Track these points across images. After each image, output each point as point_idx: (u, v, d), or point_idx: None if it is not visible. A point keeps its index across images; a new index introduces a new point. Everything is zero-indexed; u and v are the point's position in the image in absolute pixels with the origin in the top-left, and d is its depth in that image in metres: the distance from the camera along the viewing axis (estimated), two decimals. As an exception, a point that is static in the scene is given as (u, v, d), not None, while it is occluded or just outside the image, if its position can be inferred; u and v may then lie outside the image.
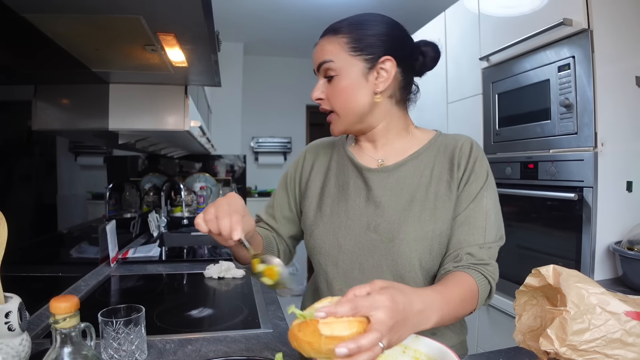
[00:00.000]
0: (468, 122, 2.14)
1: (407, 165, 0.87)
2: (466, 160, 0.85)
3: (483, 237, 0.81)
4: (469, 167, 0.84)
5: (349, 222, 0.86)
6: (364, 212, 0.86)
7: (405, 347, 0.67)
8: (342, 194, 0.89)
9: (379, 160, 0.89)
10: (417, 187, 0.85)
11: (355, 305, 0.53)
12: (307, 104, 4.87)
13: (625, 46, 1.49)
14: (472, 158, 0.85)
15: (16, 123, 1.32)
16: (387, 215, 0.83)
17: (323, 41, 0.85)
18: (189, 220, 2.84)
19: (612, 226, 1.47)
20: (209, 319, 1.17)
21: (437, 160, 0.87)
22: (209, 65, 1.19)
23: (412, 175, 0.86)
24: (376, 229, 0.84)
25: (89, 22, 0.88)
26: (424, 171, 0.86)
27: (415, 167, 0.86)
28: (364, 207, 0.86)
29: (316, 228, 0.89)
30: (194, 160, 4.28)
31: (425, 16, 2.81)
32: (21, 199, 1.30)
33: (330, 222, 0.87)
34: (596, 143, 1.45)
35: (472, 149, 0.86)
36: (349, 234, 0.85)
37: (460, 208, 0.83)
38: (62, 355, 0.56)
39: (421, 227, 0.81)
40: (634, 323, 0.62)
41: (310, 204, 0.92)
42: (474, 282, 0.76)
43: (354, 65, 0.82)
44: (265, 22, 3.71)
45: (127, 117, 1.50)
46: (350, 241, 0.85)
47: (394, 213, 0.83)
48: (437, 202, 0.83)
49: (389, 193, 0.85)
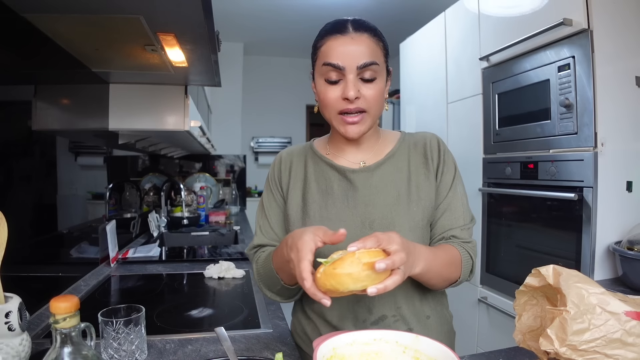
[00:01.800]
0: (468, 122, 2.14)
1: (386, 164, 0.92)
2: (437, 153, 0.92)
3: (462, 220, 0.91)
4: (441, 159, 0.92)
5: (342, 224, 0.86)
6: (355, 211, 0.89)
7: (405, 347, 0.67)
8: (327, 197, 0.91)
9: (361, 162, 0.93)
10: (399, 183, 0.90)
11: (378, 239, 0.66)
12: (307, 103, 4.87)
13: (625, 46, 1.49)
14: (441, 151, 0.92)
15: (16, 123, 1.32)
16: (379, 211, 0.88)
17: (365, 39, 0.82)
18: (189, 220, 2.84)
19: (612, 226, 1.47)
20: (209, 319, 1.17)
21: (411, 157, 0.93)
22: (209, 65, 1.19)
23: (392, 173, 0.91)
24: (371, 225, 0.87)
25: (89, 22, 0.88)
26: (402, 168, 0.91)
27: (394, 165, 0.92)
28: (354, 206, 0.89)
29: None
30: (194, 160, 4.28)
31: (425, 16, 2.82)
32: (21, 199, 1.30)
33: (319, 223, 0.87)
34: (596, 143, 1.45)
35: (440, 144, 0.94)
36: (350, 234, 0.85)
37: (441, 197, 0.91)
38: (62, 355, 0.56)
39: (412, 217, 0.88)
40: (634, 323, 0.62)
41: (295, 211, 0.93)
42: (458, 253, 0.86)
43: (384, 71, 0.86)
44: (265, 22, 3.71)
45: (127, 117, 1.50)
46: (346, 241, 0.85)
47: (385, 208, 0.88)
48: (420, 193, 0.89)
49: (376, 191, 0.89)
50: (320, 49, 0.84)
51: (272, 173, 0.99)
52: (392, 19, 3.52)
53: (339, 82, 0.82)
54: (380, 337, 0.68)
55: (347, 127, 0.84)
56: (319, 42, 0.86)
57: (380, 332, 0.68)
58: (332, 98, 0.83)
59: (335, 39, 0.82)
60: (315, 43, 0.87)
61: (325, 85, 0.83)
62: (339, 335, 0.66)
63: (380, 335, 0.68)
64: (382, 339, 0.68)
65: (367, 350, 0.67)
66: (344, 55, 0.81)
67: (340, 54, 0.81)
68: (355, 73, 0.81)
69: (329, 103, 0.84)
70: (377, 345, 0.67)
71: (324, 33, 0.85)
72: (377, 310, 0.87)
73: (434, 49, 2.47)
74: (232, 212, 3.71)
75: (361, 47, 0.81)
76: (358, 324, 0.88)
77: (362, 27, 0.83)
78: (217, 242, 2.62)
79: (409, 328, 0.88)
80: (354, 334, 0.67)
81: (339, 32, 0.82)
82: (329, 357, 0.63)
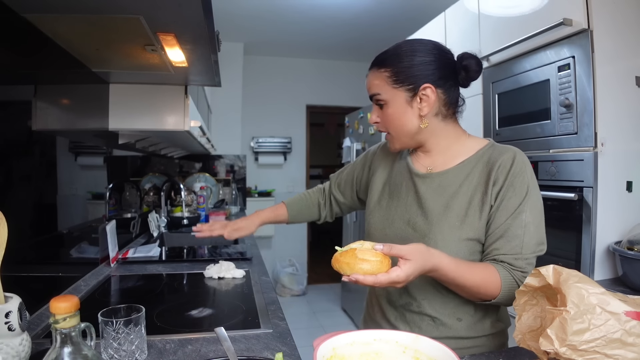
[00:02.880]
0: (468, 122, 2.13)
1: (450, 173, 0.96)
2: (504, 176, 0.89)
3: (520, 249, 0.87)
4: (506, 183, 0.89)
5: (395, 217, 1.01)
6: (408, 209, 0.99)
7: (405, 347, 0.67)
8: (396, 192, 1.04)
9: (428, 167, 1.01)
10: (454, 194, 0.93)
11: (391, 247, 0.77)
12: (307, 103, 4.87)
13: (625, 46, 1.49)
14: (510, 174, 0.89)
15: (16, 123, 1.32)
16: (426, 215, 0.95)
17: (370, 75, 0.97)
18: (189, 220, 2.84)
19: (612, 226, 1.47)
20: (209, 319, 1.17)
21: (478, 172, 0.93)
22: (209, 65, 1.19)
23: (452, 183, 0.95)
24: (414, 225, 0.96)
25: (89, 22, 0.88)
26: (464, 180, 0.94)
27: (457, 176, 0.95)
28: (409, 205, 0.99)
29: (372, 217, 1.06)
30: (194, 160, 4.27)
31: (425, 16, 2.82)
32: (21, 199, 1.30)
33: (382, 213, 1.04)
34: (596, 143, 1.44)
35: (513, 165, 0.90)
36: (392, 225, 1.00)
37: (499, 222, 0.88)
38: (62, 355, 0.56)
39: (451, 230, 0.91)
40: (634, 323, 0.62)
41: (373, 195, 1.09)
42: (496, 273, 0.85)
43: (397, 95, 0.94)
44: (265, 22, 3.71)
45: (127, 117, 1.50)
46: (392, 232, 1.00)
47: (431, 214, 0.94)
48: (469, 211, 0.91)
49: (431, 196, 0.96)
50: None
51: (373, 153, 1.18)
52: (392, 19, 3.52)
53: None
54: (380, 337, 0.68)
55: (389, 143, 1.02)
56: None
57: (380, 332, 0.68)
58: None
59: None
60: None
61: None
62: (338, 335, 0.66)
63: (380, 335, 0.68)
64: (382, 339, 0.68)
65: (367, 350, 0.67)
66: (367, 88, 0.99)
67: (367, 87, 0.99)
68: (374, 101, 0.97)
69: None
70: (377, 345, 0.67)
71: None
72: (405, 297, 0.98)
73: (434, 49, 2.46)
74: (232, 212, 3.71)
75: (367, 82, 0.98)
76: (390, 300, 1.01)
77: (373, 63, 0.98)
78: (217, 242, 2.62)
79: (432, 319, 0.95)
80: (354, 334, 0.67)
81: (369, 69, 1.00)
82: (329, 357, 0.63)
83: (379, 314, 1.06)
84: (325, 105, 4.91)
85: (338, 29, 3.78)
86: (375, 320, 1.08)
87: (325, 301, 4.39)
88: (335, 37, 4.05)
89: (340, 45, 4.31)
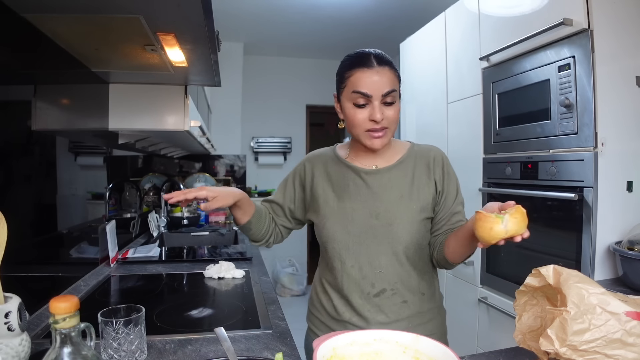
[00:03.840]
0: (468, 122, 2.14)
1: (394, 169, 1.10)
2: (440, 169, 1.10)
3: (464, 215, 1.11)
4: (445, 174, 1.10)
5: (354, 214, 1.06)
6: (366, 204, 1.06)
7: (405, 347, 0.67)
8: (344, 192, 1.10)
9: (373, 166, 1.11)
10: (403, 185, 1.08)
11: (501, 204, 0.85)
12: (307, 103, 4.87)
13: (625, 46, 1.49)
14: (444, 167, 1.10)
15: (16, 123, 1.32)
16: (385, 205, 1.06)
17: (387, 72, 1.00)
18: (189, 220, 2.84)
19: (612, 226, 1.47)
20: (209, 319, 1.17)
21: (417, 165, 1.10)
22: (209, 65, 1.19)
23: (399, 176, 1.09)
24: (377, 216, 1.05)
25: (89, 22, 0.88)
26: (407, 173, 1.09)
27: (401, 170, 1.09)
28: (365, 200, 1.07)
29: (327, 221, 1.09)
30: (194, 160, 4.27)
31: (425, 16, 2.81)
32: (21, 199, 1.30)
33: (338, 215, 1.08)
34: (596, 143, 1.44)
35: (444, 161, 1.11)
36: (355, 222, 1.06)
37: (449, 204, 1.09)
38: (62, 355, 0.56)
39: (411, 213, 1.05)
40: (634, 323, 0.62)
41: (319, 203, 1.11)
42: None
43: (398, 94, 1.04)
44: (265, 22, 3.71)
45: (127, 117, 1.50)
46: (357, 228, 1.06)
47: (389, 203, 1.06)
48: (420, 194, 1.07)
49: (384, 189, 1.07)
50: (349, 78, 1.01)
51: (301, 169, 1.18)
52: (392, 19, 3.52)
53: (366, 106, 1.00)
54: (380, 337, 0.68)
55: (374, 141, 1.02)
56: (346, 72, 1.02)
57: (380, 332, 0.68)
58: (360, 119, 1.01)
59: (362, 71, 0.99)
60: (342, 72, 1.04)
61: (354, 109, 1.01)
62: (338, 335, 0.66)
63: (380, 335, 0.68)
64: (382, 339, 0.68)
65: (367, 351, 0.67)
66: (372, 85, 0.98)
67: (369, 84, 0.98)
68: (380, 99, 0.99)
69: (357, 123, 1.02)
70: (377, 345, 0.67)
71: (350, 65, 1.01)
72: (379, 285, 1.05)
73: (434, 49, 2.47)
74: (232, 212, 3.70)
75: (384, 79, 0.99)
76: (363, 296, 1.05)
77: (383, 61, 1.01)
78: (217, 242, 2.62)
79: (403, 301, 1.05)
80: (354, 334, 0.67)
81: (365, 66, 0.99)
82: (328, 357, 0.63)
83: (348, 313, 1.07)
84: (325, 105, 4.91)
85: (338, 29, 3.78)
86: (329, 326, 1.10)
87: (325, 301, 4.38)
88: (335, 37, 4.05)
89: (340, 45, 4.30)
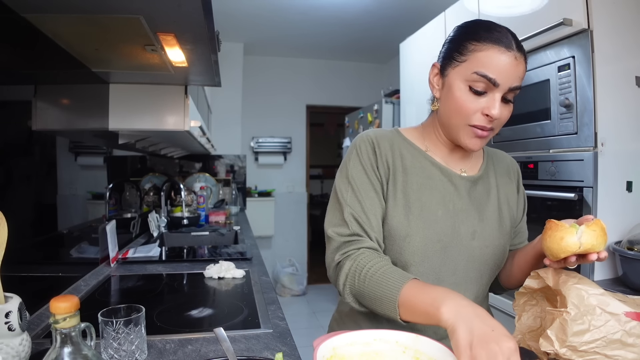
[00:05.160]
0: (468, 122, 2.14)
1: (484, 178, 0.93)
2: (516, 179, 0.99)
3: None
4: (520, 186, 0.99)
5: (446, 229, 0.84)
6: (457, 219, 0.85)
7: (405, 347, 0.67)
8: (429, 197, 0.85)
9: (461, 170, 0.91)
10: (495, 198, 0.92)
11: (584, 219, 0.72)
12: (307, 103, 4.87)
13: (625, 46, 1.49)
14: (520, 179, 1.00)
15: (16, 123, 1.32)
16: (482, 223, 0.88)
17: (523, 62, 0.78)
18: (189, 220, 2.84)
19: (612, 226, 1.47)
20: (209, 319, 1.17)
21: (497, 174, 0.96)
22: (209, 65, 1.19)
23: (490, 187, 0.92)
24: (474, 235, 0.86)
25: (89, 22, 0.88)
26: (493, 183, 0.94)
27: (489, 180, 0.94)
28: (456, 214, 0.86)
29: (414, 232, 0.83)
30: (194, 160, 4.27)
31: (425, 16, 2.81)
32: (21, 199, 1.30)
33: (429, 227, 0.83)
34: (596, 143, 1.44)
35: (519, 171, 1.01)
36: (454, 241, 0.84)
37: (518, 220, 0.99)
38: (62, 355, 0.56)
39: (504, 231, 0.91)
40: (634, 324, 0.62)
41: (395, 204, 0.84)
42: None
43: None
44: (265, 22, 3.71)
45: (127, 117, 1.50)
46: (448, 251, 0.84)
47: (485, 222, 0.88)
48: (511, 211, 0.95)
49: (478, 203, 0.89)
50: (477, 53, 0.77)
51: (366, 154, 0.86)
52: (392, 19, 3.52)
53: (484, 94, 0.78)
54: (380, 337, 0.68)
55: (474, 140, 0.82)
56: (474, 44, 0.78)
57: (380, 332, 0.68)
58: (472, 109, 0.79)
59: (500, 51, 0.76)
60: (465, 41, 0.79)
61: (469, 94, 0.79)
62: (339, 335, 0.66)
63: (380, 335, 0.68)
64: (382, 339, 0.68)
65: (367, 350, 0.67)
66: (505, 73, 0.76)
67: (502, 70, 0.76)
68: (504, 92, 0.78)
69: (467, 113, 0.80)
70: (377, 345, 0.67)
71: (485, 37, 0.77)
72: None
73: (434, 49, 2.46)
74: (232, 212, 3.71)
75: (519, 70, 0.78)
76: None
77: (522, 49, 0.79)
78: (217, 242, 2.62)
79: None
80: (354, 334, 0.67)
81: (504, 46, 0.76)
82: (329, 357, 0.63)
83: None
84: (325, 105, 4.91)
85: (338, 29, 3.78)
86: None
87: (325, 301, 4.38)
88: (335, 38, 4.05)
89: (340, 45, 4.31)
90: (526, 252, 0.85)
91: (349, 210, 0.83)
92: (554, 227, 0.69)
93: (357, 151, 0.87)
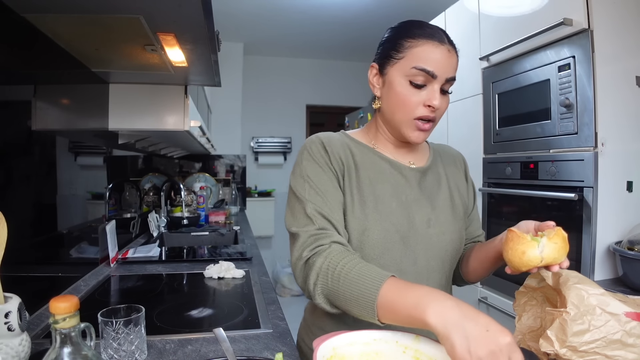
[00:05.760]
0: (468, 122, 2.14)
1: (432, 169, 0.96)
2: (463, 170, 1.01)
3: (480, 226, 1.04)
4: (468, 176, 1.01)
5: (400, 219, 0.85)
6: (411, 209, 0.87)
7: (406, 347, 0.66)
8: (381, 190, 0.87)
9: (409, 163, 0.93)
10: (445, 188, 0.95)
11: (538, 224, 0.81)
12: (307, 103, 4.87)
13: (625, 46, 1.49)
14: (467, 169, 1.02)
15: (16, 123, 1.32)
16: (435, 211, 0.90)
17: (455, 55, 0.84)
18: (189, 220, 2.84)
19: (612, 226, 1.47)
20: (209, 319, 1.17)
21: (445, 165, 0.98)
22: (209, 65, 1.19)
23: (439, 178, 0.95)
24: (429, 223, 0.88)
25: (89, 22, 0.88)
26: (442, 174, 0.96)
27: (437, 171, 0.96)
28: (409, 205, 0.87)
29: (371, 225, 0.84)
30: (194, 160, 4.27)
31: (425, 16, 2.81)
32: (21, 199, 1.30)
33: (386, 219, 0.84)
34: (596, 143, 1.44)
35: (465, 162, 1.03)
36: (411, 230, 0.85)
37: (469, 209, 1.00)
38: (62, 355, 0.56)
39: (458, 219, 0.93)
40: (634, 324, 0.62)
41: (351, 199, 0.85)
42: None
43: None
44: (265, 22, 3.71)
45: (127, 117, 1.50)
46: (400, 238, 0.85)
47: (438, 210, 0.90)
48: (462, 199, 0.97)
49: (429, 192, 0.91)
50: (412, 49, 0.81)
51: (318, 153, 0.86)
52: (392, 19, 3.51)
53: (423, 87, 0.82)
54: (380, 337, 0.68)
55: (418, 133, 0.85)
56: (408, 41, 0.82)
57: (380, 332, 0.68)
58: (414, 101, 0.82)
59: (434, 45, 0.81)
60: (400, 39, 0.83)
61: (409, 88, 0.82)
62: (339, 335, 0.66)
63: (380, 335, 0.68)
64: (382, 339, 0.68)
65: (367, 350, 0.67)
66: (441, 65, 0.80)
67: (438, 63, 0.80)
68: (442, 84, 0.82)
69: (410, 107, 0.82)
70: (377, 345, 0.67)
71: (415, 33, 0.82)
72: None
73: (434, 49, 2.46)
74: (232, 212, 3.71)
75: (453, 62, 0.83)
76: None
77: (452, 42, 0.84)
78: (217, 242, 2.62)
79: None
80: (354, 334, 0.67)
81: (438, 40, 0.81)
82: (329, 357, 0.63)
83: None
84: (325, 105, 4.91)
85: (338, 29, 3.78)
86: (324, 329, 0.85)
87: (325, 301, 4.38)
88: (335, 37, 4.05)
89: (340, 45, 4.31)
90: (488, 250, 0.86)
91: (312, 206, 0.81)
92: (515, 239, 0.68)
93: (309, 151, 0.87)
